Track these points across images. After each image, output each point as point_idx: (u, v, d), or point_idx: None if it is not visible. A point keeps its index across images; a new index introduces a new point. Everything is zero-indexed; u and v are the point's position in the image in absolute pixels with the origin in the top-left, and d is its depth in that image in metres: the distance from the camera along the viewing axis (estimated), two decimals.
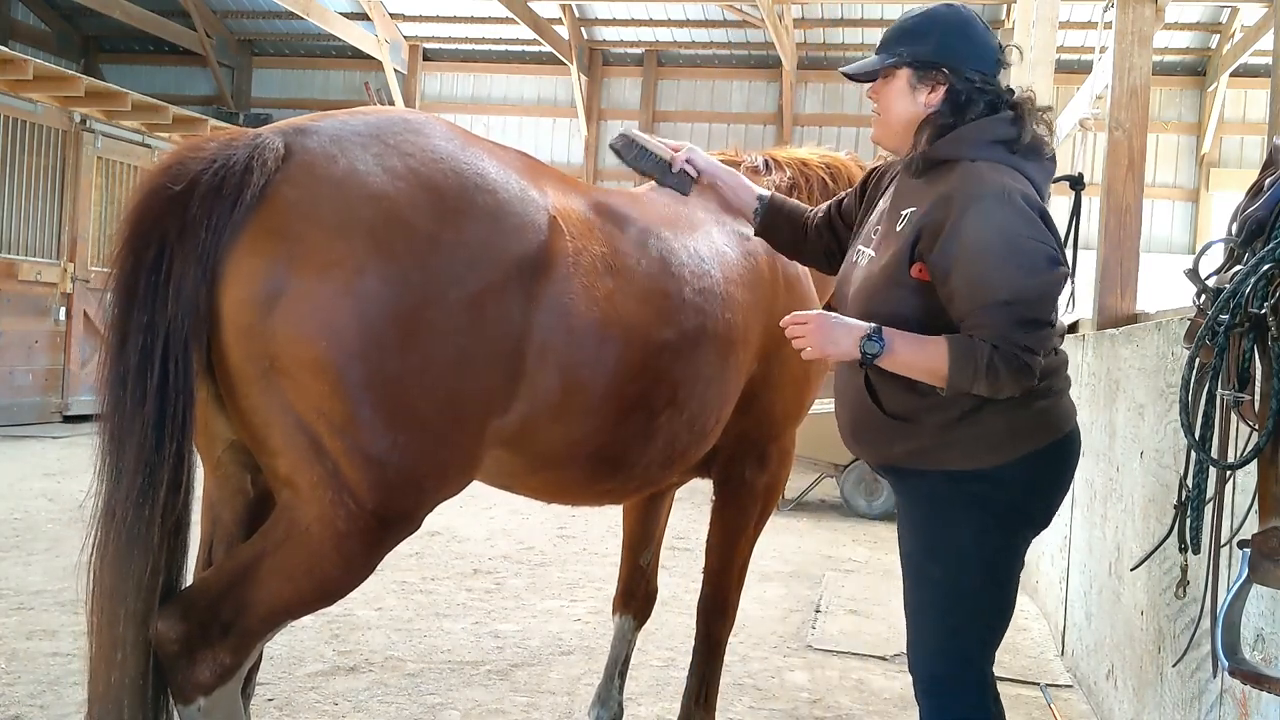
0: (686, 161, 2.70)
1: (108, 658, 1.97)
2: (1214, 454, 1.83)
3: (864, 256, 2.31)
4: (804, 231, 2.68)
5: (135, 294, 1.90)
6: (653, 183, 3.20)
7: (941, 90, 2.22)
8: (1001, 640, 2.31)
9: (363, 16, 15.29)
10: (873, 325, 2.09)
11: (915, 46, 2.23)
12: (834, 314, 2.15)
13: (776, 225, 2.69)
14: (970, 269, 2.06)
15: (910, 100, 2.24)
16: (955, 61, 2.21)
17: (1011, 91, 2.27)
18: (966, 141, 2.19)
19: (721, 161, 3.21)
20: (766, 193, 2.72)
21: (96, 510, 1.97)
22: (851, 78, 2.35)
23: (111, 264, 1.95)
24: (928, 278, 2.13)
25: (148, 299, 1.89)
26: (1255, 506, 1.72)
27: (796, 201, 2.79)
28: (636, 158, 2.66)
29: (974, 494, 2.18)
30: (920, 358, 2.08)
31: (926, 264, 2.12)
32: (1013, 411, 2.15)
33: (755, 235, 2.75)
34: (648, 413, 2.51)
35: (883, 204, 2.38)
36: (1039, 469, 2.22)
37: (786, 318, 2.21)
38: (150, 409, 1.90)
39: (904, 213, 2.21)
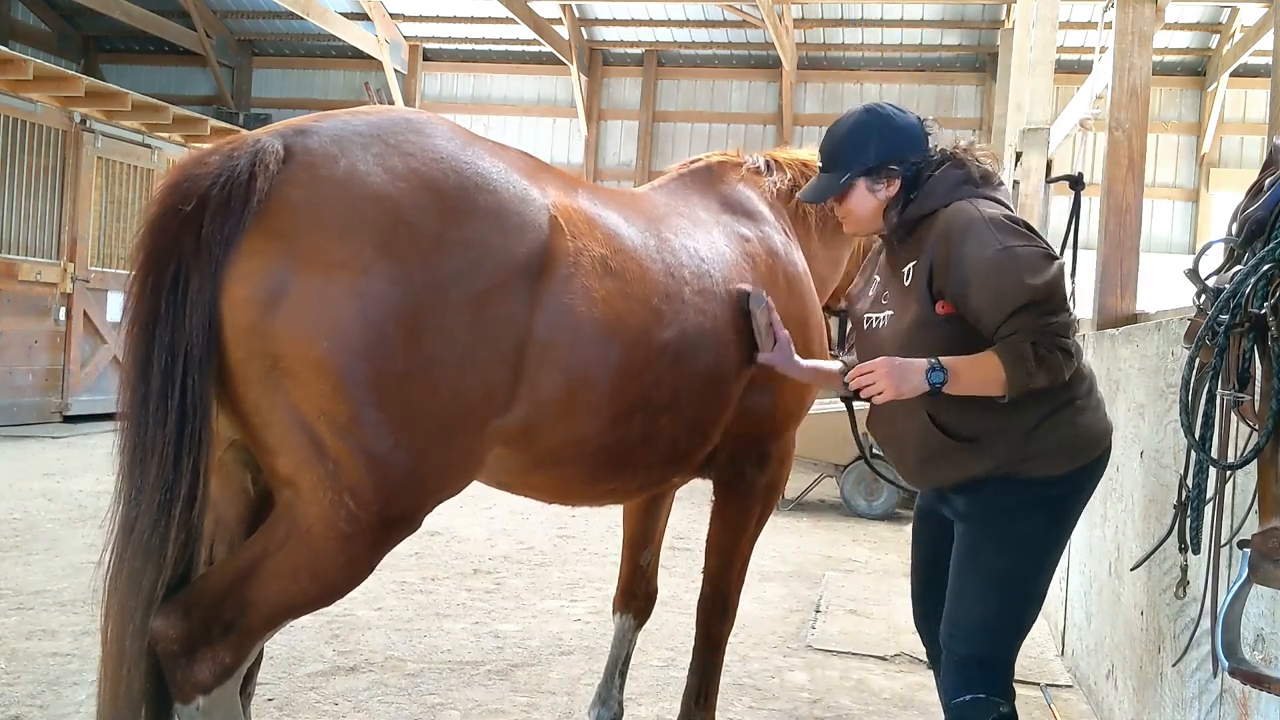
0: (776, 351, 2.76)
1: (114, 673, 2.00)
2: (1214, 454, 1.83)
3: (882, 319, 2.53)
4: None
5: (157, 315, 1.92)
6: (655, 182, 3.21)
7: (896, 182, 2.50)
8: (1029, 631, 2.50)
9: (363, 16, 15.29)
10: (932, 359, 2.30)
11: (861, 158, 2.49)
12: (894, 358, 2.33)
13: None
14: (984, 288, 2.29)
15: (871, 198, 2.52)
16: (897, 154, 2.48)
17: (943, 151, 2.53)
18: (933, 194, 2.45)
19: (722, 161, 3.23)
20: (839, 364, 2.82)
21: (114, 526, 1.99)
22: (815, 201, 2.62)
23: (129, 288, 1.97)
24: (953, 310, 2.36)
25: (168, 319, 1.91)
26: (1255, 506, 1.72)
27: None
28: (755, 316, 2.75)
29: (1044, 497, 2.40)
30: (979, 374, 2.28)
31: (946, 298, 2.36)
32: (1073, 425, 2.38)
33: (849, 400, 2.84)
34: (649, 413, 2.51)
35: (882, 276, 2.61)
36: (1094, 471, 2.46)
37: (850, 374, 2.38)
38: (171, 426, 1.92)
39: (905, 269, 2.46)
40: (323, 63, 17.19)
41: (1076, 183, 2.76)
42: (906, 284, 2.44)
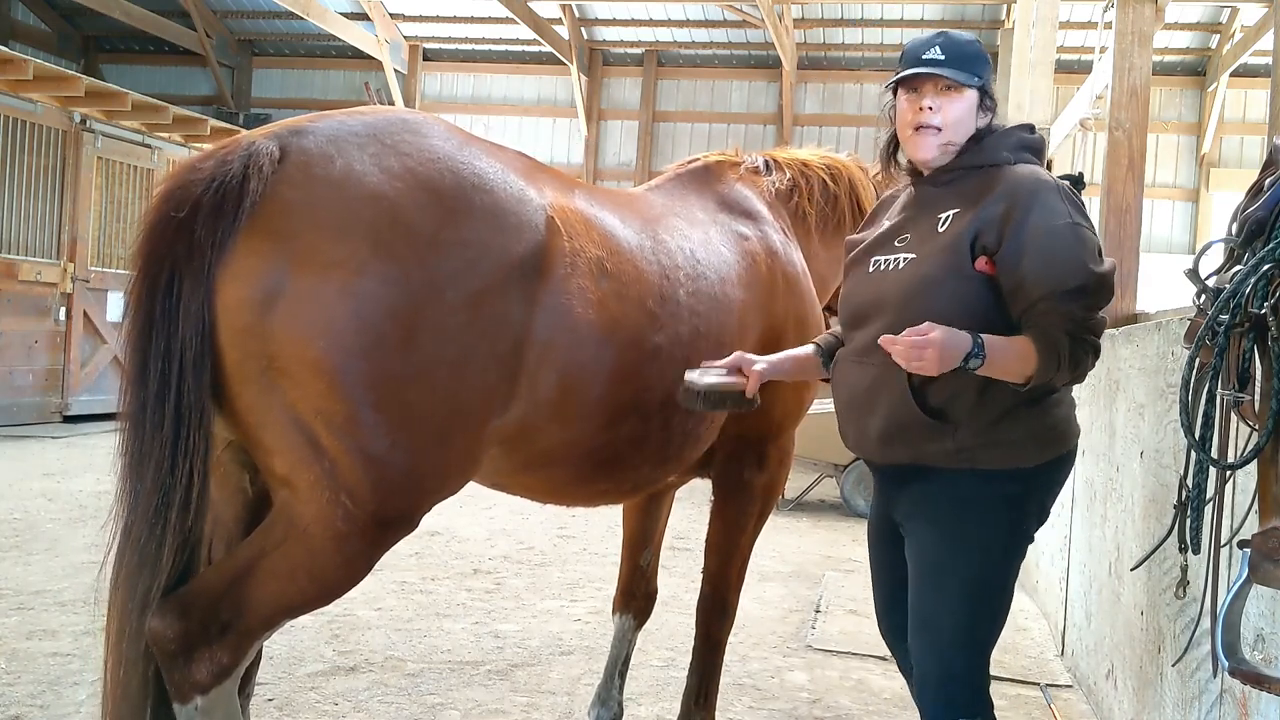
0: (753, 376, 2.50)
1: (114, 675, 2.02)
2: (1214, 454, 1.83)
3: (899, 261, 2.31)
4: None
5: (152, 320, 1.94)
6: (653, 182, 3.21)
7: (989, 117, 2.37)
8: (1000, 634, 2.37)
9: (363, 16, 15.29)
10: (975, 338, 2.08)
11: (985, 72, 2.35)
12: (949, 329, 2.06)
13: None
14: (1042, 256, 2.14)
15: (973, 120, 2.34)
16: (992, 91, 2.38)
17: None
18: (1000, 146, 2.32)
19: (719, 161, 3.22)
20: (810, 347, 2.62)
21: (116, 529, 2.01)
22: (932, 73, 2.31)
23: (127, 297, 2.00)
24: (993, 270, 2.19)
25: (163, 325, 1.93)
26: (1255, 506, 1.72)
27: (830, 332, 2.70)
28: (715, 403, 2.45)
29: (1006, 494, 2.26)
30: (1012, 360, 2.11)
31: (994, 259, 2.18)
32: (1047, 415, 2.26)
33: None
34: (642, 414, 2.51)
35: (898, 216, 2.42)
36: (1059, 470, 2.34)
37: (904, 341, 2.05)
38: (168, 431, 1.94)
39: (943, 215, 2.28)
40: (323, 63, 17.19)
41: (1076, 183, 2.74)
42: (941, 229, 2.26)
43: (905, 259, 2.30)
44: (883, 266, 2.35)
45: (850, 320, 2.44)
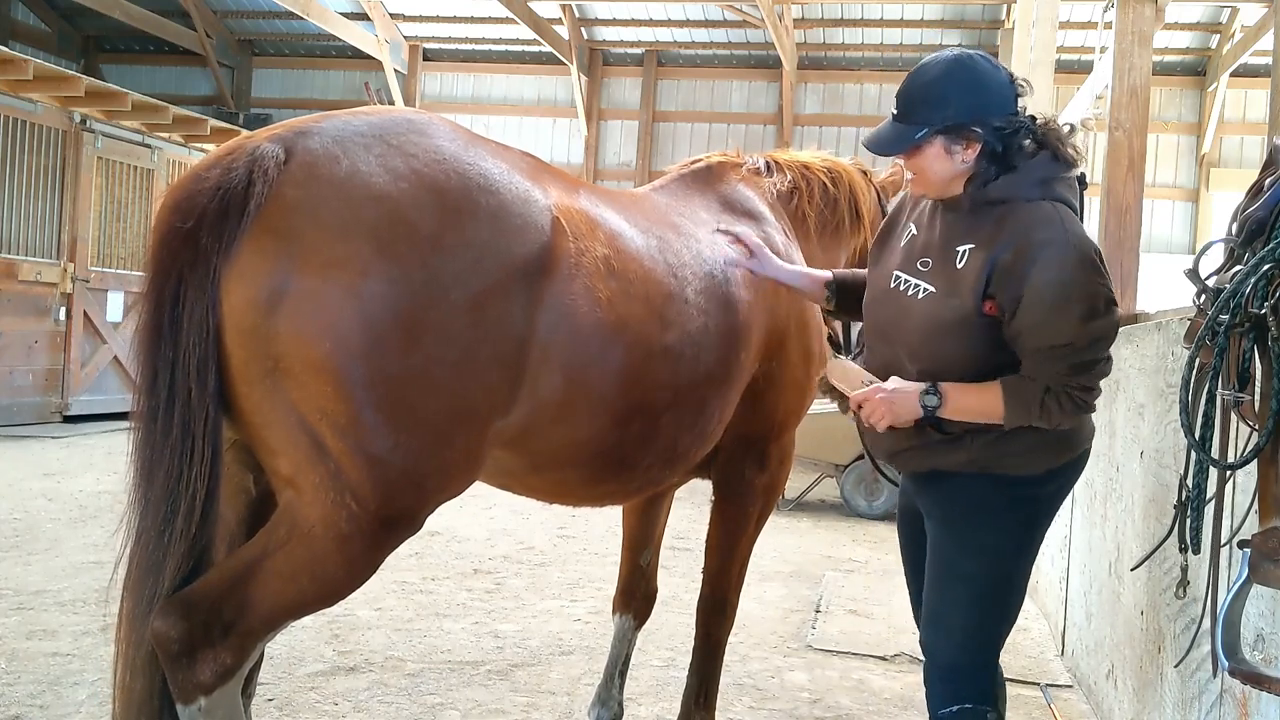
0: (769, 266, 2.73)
1: (121, 681, 2.04)
2: (1214, 454, 1.83)
3: (917, 289, 2.34)
4: None
5: (160, 330, 1.95)
6: (656, 182, 3.21)
7: (977, 146, 2.26)
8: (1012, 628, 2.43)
9: (363, 16, 15.29)
10: (926, 385, 2.25)
11: (940, 113, 2.24)
12: (885, 385, 2.27)
13: (849, 299, 2.69)
14: (1033, 313, 2.17)
15: (948, 161, 2.28)
16: (982, 117, 2.25)
17: (1034, 119, 2.31)
18: (1020, 183, 2.26)
19: (722, 162, 3.22)
20: (828, 274, 2.75)
21: (127, 539, 2.02)
22: (883, 154, 2.36)
23: (137, 306, 2.02)
24: (997, 313, 2.23)
25: (171, 333, 1.94)
26: (1255, 506, 1.72)
27: (853, 270, 2.80)
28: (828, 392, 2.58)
29: (1017, 497, 2.32)
30: (975, 405, 2.24)
31: (997, 303, 2.22)
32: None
33: (832, 314, 2.81)
34: (649, 414, 2.51)
35: (921, 231, 2.42)
36: (1071, 473, 2.40)
37: (853, 396, 2.31)
38: (176, 439, 1.95)
39: (960, 249, 2.28)
40: (323, 63, 17.19)
41: (1077, 183, 2.75)
42: (959, 266, 2.27)
43: (925, 290, 2.32)
44: (903, 288, 2.37)
45: (872, 330, 2.52)
